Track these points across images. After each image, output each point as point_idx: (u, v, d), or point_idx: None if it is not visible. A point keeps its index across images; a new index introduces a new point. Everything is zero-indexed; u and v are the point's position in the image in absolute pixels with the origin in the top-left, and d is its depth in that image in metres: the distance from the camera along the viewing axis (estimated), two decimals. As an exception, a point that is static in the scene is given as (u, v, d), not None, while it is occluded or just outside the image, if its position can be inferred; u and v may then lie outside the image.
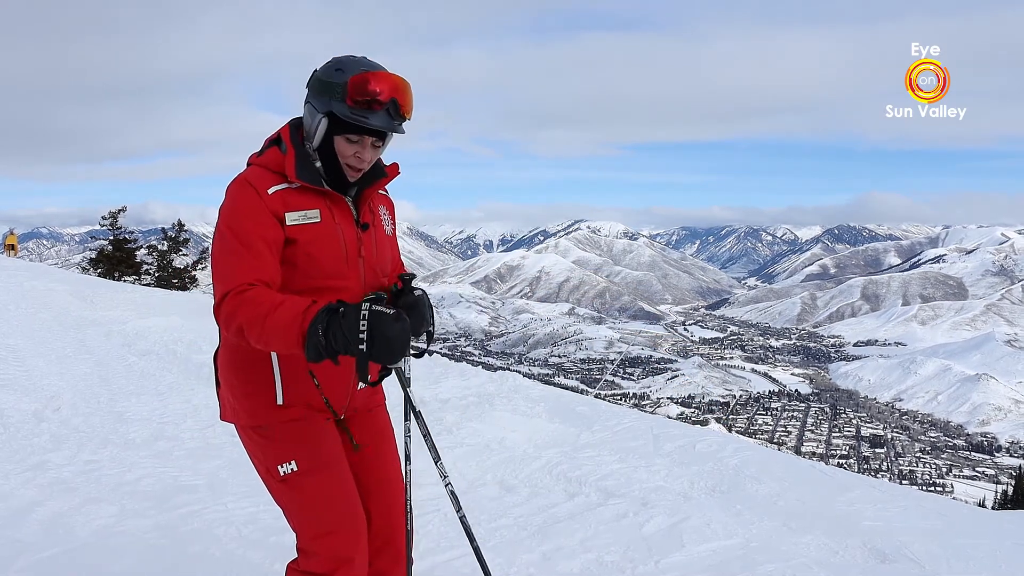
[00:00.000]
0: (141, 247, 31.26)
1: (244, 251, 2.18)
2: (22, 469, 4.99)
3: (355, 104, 2.19)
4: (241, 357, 2.34)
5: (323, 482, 2.33)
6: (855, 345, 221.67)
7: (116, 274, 27.93)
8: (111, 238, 30.30)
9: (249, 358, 2.32)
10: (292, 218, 2.24)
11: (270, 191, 2.24)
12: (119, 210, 30.84)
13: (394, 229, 2.64)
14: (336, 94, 2.21)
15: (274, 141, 2.37)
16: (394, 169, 2.52)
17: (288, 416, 2.33)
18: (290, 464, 2.31)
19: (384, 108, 2.20)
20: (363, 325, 2.01)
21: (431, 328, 2.45)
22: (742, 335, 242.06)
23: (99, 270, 28.79)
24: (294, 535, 2.38)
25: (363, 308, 2.03)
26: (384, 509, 2.51)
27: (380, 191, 2.56)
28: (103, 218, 30.72)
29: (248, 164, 2.37)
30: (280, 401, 2.32)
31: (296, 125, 2.38)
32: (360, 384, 2.41)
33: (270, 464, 2.35)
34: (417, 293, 2.45)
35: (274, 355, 2.31)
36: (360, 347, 2.01)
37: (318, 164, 2.33)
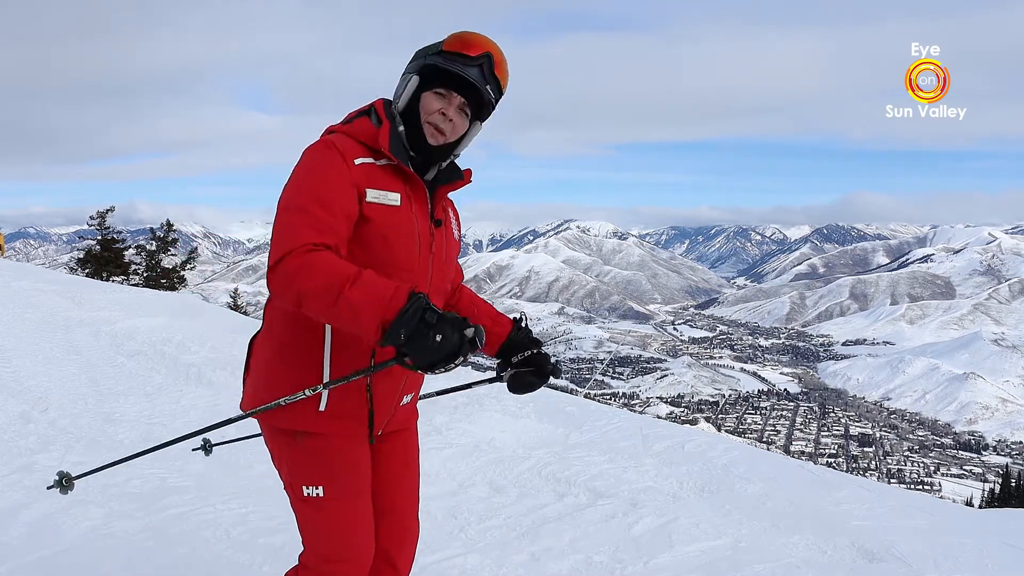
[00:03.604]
0: (129, 247, 31.08)
1: (317, 210, 1.95)
2: (9, 471, 4.95)
3: (449, 53, 2.10)
4: (291, 352, 2.16)
5: (345, 512, 2.22)
6: (844, 344, 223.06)
7: (104, 274, 27.79)
8: (99, 238, 30.12)
9: (299, 354, 2.15)
10: (372, 195, 2.07)
11: (357, 161, 2.07)
12: (107, 210, 30.65)
13: (460, 235, 2.51)
14: (432, 49, 2.14)
15: (364, 112, 2.21)
16: (468, 175, 2.39)
17: (327, 428, 2.18)
18: (317, 489, 2.18)
19: (478, 63, 2.09)
20: (438, 335, 1.74)
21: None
22: (731, 334, 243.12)
23: (87, 270, 28.62)
24: (283, 537, 2.36)
25: (469, 328, 1.78)
26: (389, 534, 2.43)
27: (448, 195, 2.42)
28: (91, 218, 30.54)
29: (329, 131, 2.19)
30: (323, 407, 2.14)
31: (391, 103, 2.23)
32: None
33: (295, 481, 2.23)
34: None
35: (327, 359, 2.12)
36: (430, 353, 1.75)
37: (402, 132, 2.18)
